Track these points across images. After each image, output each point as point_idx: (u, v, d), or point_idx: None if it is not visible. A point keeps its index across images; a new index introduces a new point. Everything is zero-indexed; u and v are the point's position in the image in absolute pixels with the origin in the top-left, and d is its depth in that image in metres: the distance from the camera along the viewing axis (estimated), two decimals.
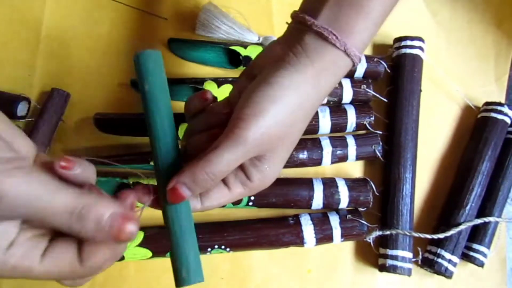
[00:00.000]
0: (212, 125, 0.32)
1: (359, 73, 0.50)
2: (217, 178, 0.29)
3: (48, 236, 0.25)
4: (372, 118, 0.49)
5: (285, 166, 0.46)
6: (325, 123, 0.48)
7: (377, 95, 0.50)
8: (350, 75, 0.51)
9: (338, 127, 0.48)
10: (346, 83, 0.49)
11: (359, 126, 0.49)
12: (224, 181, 0.31)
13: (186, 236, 0.29)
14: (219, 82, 0.47)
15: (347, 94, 0.49)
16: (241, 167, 0.31)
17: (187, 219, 0.30)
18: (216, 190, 0.32)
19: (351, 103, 0.50)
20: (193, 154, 0.31)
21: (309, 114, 0.32)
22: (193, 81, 0.48)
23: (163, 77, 0.31)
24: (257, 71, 0.32)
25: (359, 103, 0.50)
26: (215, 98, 0.34)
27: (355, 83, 0.50)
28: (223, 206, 0.37)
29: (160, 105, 0.30)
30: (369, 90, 0.50)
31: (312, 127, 0.48)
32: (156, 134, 0.30)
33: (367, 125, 0.49)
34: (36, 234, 0.24)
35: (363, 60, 0.50)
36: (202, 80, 0.47)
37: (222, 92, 0.47)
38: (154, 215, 0.46)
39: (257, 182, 0.31)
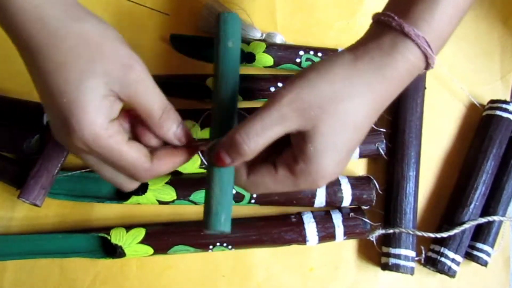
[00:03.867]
0: None
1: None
2: (252, 143, 0.28)
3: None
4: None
5: None
6: None
7: None
8: None
9: None
10: None
11: None
12: (273, 161, 0.31)
13: (227, 195, 0.31)
14: None
15: None
16: (287, 147, 0.30)
17: (228, 183, 0.31)
18: (262, 167, 0.31)
19: None
20: None
21: (359, 91, 0.29)
22: (196, 77, 0.47)
23: (240, 40, 0.36)
24: None
25: None
26: None
27: None
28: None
29: (235, 64, 0.34)
30: None
31: None
32: (224, 91, 0.33)
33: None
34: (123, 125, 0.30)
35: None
36: (204, 77, 0.47)
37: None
38: (157, 212, 0.46)
39: (302, 165, 0.29)
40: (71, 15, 0.28)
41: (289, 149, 0.30)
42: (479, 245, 0.47)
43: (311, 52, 0.48)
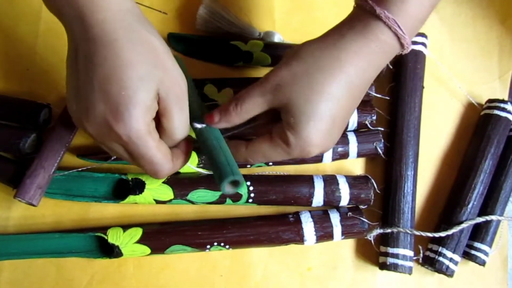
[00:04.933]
0: None
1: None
2: (240, 107, 0.34)
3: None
4: (374, 118, 0.48)
5: (285, 163, 0.47)
6: None
7: (379, 96, 0.50)
8: None
9: None
10: None
11: (360, 125, 0.48)
12: (270, 133, 0.35)
13: (223, 149, 0.34)
14: (220, 85, 0.47)
15: None
16: (279, 124, 0.34)
17: (221, 139, 0.35)
18: (260, 138, 0.35)
19: None
20: None
21: (328, 80, 0.32)
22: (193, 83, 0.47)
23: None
24: None
25: (361, 101, 0.49)
26: None
27: None
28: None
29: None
30: (371, 92, 0.49)
31: None
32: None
33: (368, 125, 0.48)
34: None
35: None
36: (201, 83, 0.47)
37: (223, 97, 0.47)
38: (154, 212, 0.46)
39: (289, 135, 0.33)
40: (144, 26, 0.32)
41: (279, 123, 0.34)
42: (477, 245, 0.47)
43: None
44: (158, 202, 0.43)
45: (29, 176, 0.41)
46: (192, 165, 0.44)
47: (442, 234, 0.45)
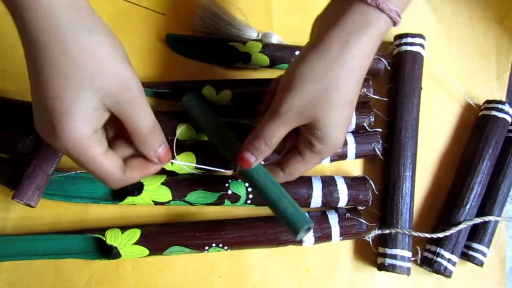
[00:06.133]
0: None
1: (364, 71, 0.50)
2: (270, 142, 0.35)
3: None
4: (372, 119, 0.48)
5: None
6: None
7: (378, 97, 0.50)
8: None
9: None
10: None
11: (358, 127, 0.49)
12: (298, 149, 0.36)
13: (278, 191, 0.36)
14: (218, 87, 0.47)
15: None
16: (303, 135, 0.35)
17: (271, 180, 0.37)
18: (291, 158, 0.36)
19: None
20: None
21: (347, 78, 0.32)
22: (192, 85, 0.47)
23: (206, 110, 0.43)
24: None
25: (359, 103, 0.50)
26: None
27: None
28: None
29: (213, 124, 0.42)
30: (369, 94, 0.49)
31: None
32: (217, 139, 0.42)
33: (366, 127, 0.48)
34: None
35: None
36: (200, 85, 0.47)
37: (221, 99, 0.47)
38: (152, 213, 0.46)
39: (318, 145, 0.34)
40: (83, 25, 0.28)
41: (303, 136, 0.35)
42: (475, 245, 0.47)
43: None
44: (156, 203, 0.43)
45: (27, 177, 0.41)
46: (190, 165, 0.44)
47: (440, 235, 0.45)
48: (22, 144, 0.42)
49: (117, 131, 0.34)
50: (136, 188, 0.43)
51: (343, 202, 0.45)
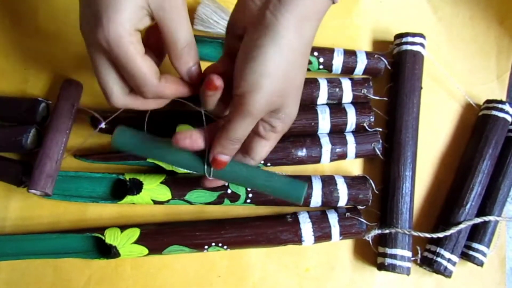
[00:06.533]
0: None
1: (359, 69, 0.50)
2: (239, 140, 0.34)
3: None
4: (372, 119, 0.48)
5: (284, 164, 0.47)
6: (324, 125, 0.47)
7: (377, 98, 0.50)
8: (350, 71, 0.50)
9: (337, 128, 0.48)
10: (347, 86, 0.49)
11: (358, 127, 0.48)
12: (259, 134, 0.35)
13: (265, 172, 0.36)
14: None
15: (347, 97, 0.49)
16: (264, 120, 0.34)
17: (250, 166, 0.36)
18: (256, 144, 0.36)
19: (351, 102, 0.49)
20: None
21: (302, 63, 0.33)
22: None
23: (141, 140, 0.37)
24: (239, 31, 0.34)
25: (359, 103, 0.49)
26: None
27: (355, 85, 0.49)
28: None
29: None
30: (369, 95, 0.49)
31: (312, 128, 0.47)
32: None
33: (366, 126, 0.48)
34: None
35: (364, 56, 0.50)
36: None
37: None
38: (152, 212, 0.46)
39: (281, 125, 0.34)
40: None
41: (263, 120, 0.34)
42: (475, 245, 0.47)
43: None
44: (156, 202, 0.43)
45: (36, 167, 0.41)
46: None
47: (440, 234, 0.45)
48: (26, 138, 0.43)
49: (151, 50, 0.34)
50: (136, 187, 0.42)
51: (343, 201, 0.45)
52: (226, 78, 0.33)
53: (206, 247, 0.43)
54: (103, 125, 0.41)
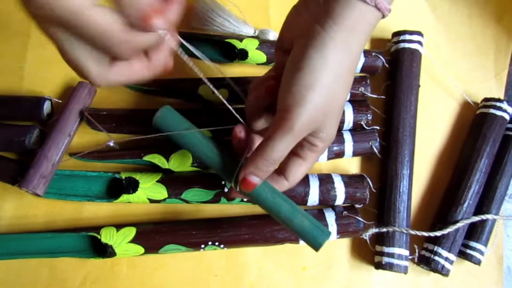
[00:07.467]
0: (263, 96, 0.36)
1: (357, 67, 0.50)
2: (276, 162, 0.32)
3: None
4: (370, 117, 0.48)
5: None
6: None
7: (375, 96, 0.49)
8: None
9: None
10: None
11: (356, 125, 0.48)
12: (297, 153, 0.34)
13: (291, 207, 0.34)
14: (214, 86, 0.46)
15: None
16: (304, 139, 0.33)
17: (278, 195, 0.34)
18: (292, 163, 0.34)
19: (348, 101, 0.49)
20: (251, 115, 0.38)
21: (348, 80, 0.32)
22: (189, 83, 0.47)
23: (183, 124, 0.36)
24: (287, 45, 0.33)
25: (357, 101, 0.49)
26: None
27: (353, 83, 0.49)
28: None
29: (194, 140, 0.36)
30: (366, 93, 0.49)
31: None
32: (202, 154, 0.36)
33: (364, 124, 0.48)
34: None
35: (361, 54, 0.49)
36: (196, 84, 0.46)
37: (218, 98, 0.46)
38: (148, 211, 0.46)
39: (321, 145, 0.33)
40: None
41: (305, 141, 0.33)
42: (473, 244, 0.47)
43: None
44: (152, 201, 0.43)
45: (32, 167, 0.41)
46: (186, 165, 0.44)
47: (438, 233, 0.45)
48: (29, 139, 0.43)
49: None
50: (132, 186, 0.42)
51: (340, 200, 0.45)
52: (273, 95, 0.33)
53: (202, 246, 0.43)
54: (111, 143, 0.39)
